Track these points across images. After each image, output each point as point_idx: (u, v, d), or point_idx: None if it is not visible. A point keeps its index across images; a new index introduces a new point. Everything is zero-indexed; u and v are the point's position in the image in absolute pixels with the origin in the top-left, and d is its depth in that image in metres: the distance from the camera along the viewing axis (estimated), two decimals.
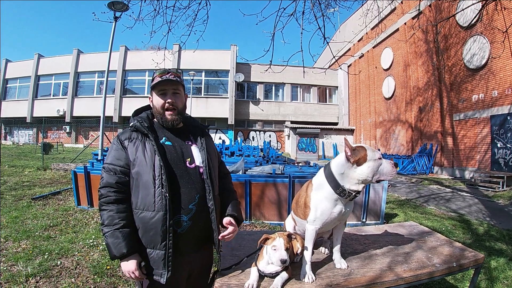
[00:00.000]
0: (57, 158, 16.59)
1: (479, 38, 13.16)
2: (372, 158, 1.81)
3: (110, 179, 1.72)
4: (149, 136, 1.77)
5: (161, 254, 1.67)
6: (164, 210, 1.66)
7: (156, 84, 1.84)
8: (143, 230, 1.70)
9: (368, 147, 1.85)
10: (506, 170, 12.02)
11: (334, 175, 1.88)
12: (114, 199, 1.69)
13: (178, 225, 1.74)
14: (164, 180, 1.68)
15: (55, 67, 27.13)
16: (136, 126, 1.80)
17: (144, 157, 1.73)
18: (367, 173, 1.81)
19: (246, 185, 6.25)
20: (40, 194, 7.74)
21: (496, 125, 12.60)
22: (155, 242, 1.67)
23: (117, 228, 1.64)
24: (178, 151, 1.85)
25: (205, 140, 1.99)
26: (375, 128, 23.00)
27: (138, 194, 1.72)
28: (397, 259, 2.25)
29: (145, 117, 1.91)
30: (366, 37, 21.89)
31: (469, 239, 5.56)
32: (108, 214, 1.67)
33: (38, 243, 4.63)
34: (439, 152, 16.14)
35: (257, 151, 16.33)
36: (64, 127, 26.82)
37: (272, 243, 1.81)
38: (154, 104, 1.89)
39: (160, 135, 1.86)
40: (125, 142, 1.78)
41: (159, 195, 1.67)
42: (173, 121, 1.88)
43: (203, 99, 26.10)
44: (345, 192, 1.85)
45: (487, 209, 8.31)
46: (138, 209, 1.72)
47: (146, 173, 1.71)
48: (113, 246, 1.63)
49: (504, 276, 3.93)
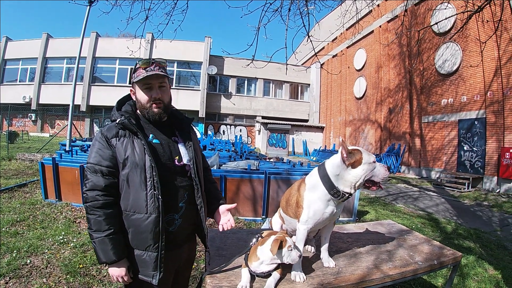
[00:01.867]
0: (22, 147, 15.78)
1: (452, 45, 13.64)
2: (367, 161, 1.83)
3: (98, 181, 1.62)
4: (138, 135, 1.67)
5: (154, 256, 1.63)
6: (157, 212, 1.61)
7: (141, 78, 1.72)
8: (135, 232, 1.64)
9: (363, 150, 1.87)
10: (471, 172, 12.58)
11: (329, 176, 1.88)
12: (102, 203, 1.60)
13: (170, 224, 1.72)
14: (156, 181, 1.62)
15: (22, 51, 25.58)
16: (124, 123, 1.67)
17: (134, 157, 1.64)
18: (361, 176, 1.83)
19: (222, 181, 6.19)
20: (6, 187, 7.36)
21: (463, 129, 13.15)
22: (148, 244, 1.63)
23: (106, 234, 1.58)
24: (166, 149, 1.77)
25: (192, 135, 1.93)
26: (345, 127, 23.43)
27: (129, 196, 1.65)
28: (381, 257, 2.30)
29: (130, 111, 1.79)
30: (340, 37, 22.20)
31: (438, 237, 5.78)
32: (96, 219, 1.59)
33: (5, 240, 4.40)
34: (407, 152, 16.68)
35: (229, 145, 16.21)
36: (30, 114, 25.51)
37: (287, 245, 1.79)
38: (139, 99, 1.77)
39: (147, 132, 1.76)
40: (112, 140, 1.66)
41: (152, 197, 1.62)
42: (160, 114, 1.77)
43: (174, 91, 25.03)
44: (339, 193, 1.86)
45: (453, 209, 8.67)
46: (129, 211, 1.65)
47: (137, 175, 1.63)
48: (102, 252, 1.58)
49: (475, 273, 4.13)
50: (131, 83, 1.80)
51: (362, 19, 19.02)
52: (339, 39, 22.86)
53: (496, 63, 11.46)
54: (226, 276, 1.90)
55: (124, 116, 1.69)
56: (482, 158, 12.10)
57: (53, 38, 25.81)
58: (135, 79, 1.74)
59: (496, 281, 3.92)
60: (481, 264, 4.46)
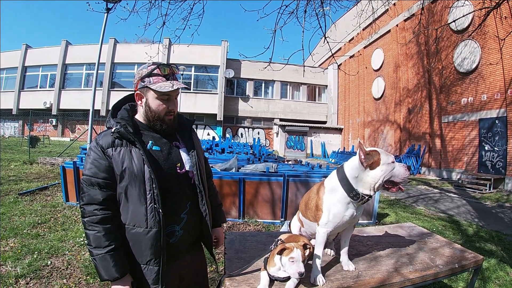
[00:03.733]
0: (43, 151, 16.28)
1: (470, 43, 13.37)
2: (385, 162, 1.80)
3: (95, 194, 1.53)
4: (136, 144, 1.57)
5: (156, 270, 1.58)
6: (157, 226, 1.56)
7: (167, 91, 1.62)
8: (135, 247, 1.58)
9: (381, 150, 1.84)
10: (493, 172, 12.28)
11: (348, 179, 1.86)
12: (101, 218, 1.51)
13: (171, 235, 1.67)
14: (156, 194, 1.55)
15: (42, 58, 26.49)
16: (120, 132, 1.56)
17: (132, 169, 1.55)
18: (380, 177, 1.80)
19: (240, 183, 6.21)
20: (27, 190, 7.56)
21: (484, 128, 12.85)
22: (148, 258, 1.57)
23: (107, 251, 1.49)
24: (167, 156, 1.68)
25: (194, 140, 1.86)
26: (364, 128, 23.21)
27: (128, 209, 1.58)
28: (402, 261, 2.27)
29: (127, 118, 1.67)
30: (357, 37, 22.04)
31: (459, 239, 5.67)
32: (95, 235, 1.50)
33: (27, 242, 4.51)
34: (427, 153, 16.39)
35: (247, 148, 16.27)
36: (51, 120, 26.28)
37: (290, 255, 1.70)
38: (153, 108, 1.65)
39: (146, 139, 1.66)
40: (109, 150, 1.56)
41: (152, 211, 1.55)
42: (174, 126, 1.75)
43: (192, 95, 25.87)
44: (358, 195, 1.84)
45: (475, 211, 8.48)
46: (129, 225, 1.58)
47: (136, 188, 1.55)
48: (104, 270, 1.50)
49: (496, 277, 4.03)
50: (142, 86, 1.66)
51: (378, 19, 18.86)
52: (356, 39, 22.70)
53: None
54: (245, 279, 1.88)
55: (120, 124, 1.59)
56: (504, 158, 11.79)
57: (72, 45, 26.59)
58: (151, 85, 1.61)
59: None
60: (503, 267, 4.36)
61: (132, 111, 1.77)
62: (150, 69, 1.63)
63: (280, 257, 1.75)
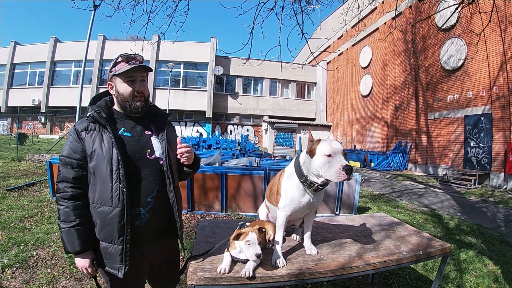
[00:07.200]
0: (32, 149, 16.08)
1: (456, 40, 13.52)
2: (320, 152, 1.76)
3: (67, 173, 1.67)
4: (107, 128, 1.69)
5: (119, 249, 1.65)
6: (121, 205, 1.63)
7: (126, 70, 1.75)
8: (101, 225, 1.67)
9: (326, 141, 1.81)
10: (478, 168, 12.46)
11: (300, 165, 1.91)
12: (71, 195, 1.65)
13: (136, 218, 1.71)
14: (121, 175, 1.64)
15: (31, 55, 26.00)
16: (94, 116, 1.70)
17: (101, 150, 1.66)
18: (317, 167, 1.78)
19: (222, 177, 6.24)
20: (15, 185, 7.51)
21: (469, 125, 13.02)
22: (113, 237, 1.65)
23: (72, 225, 1.63)
24: (137, 142, 1.78)
25: (166, 130, 1.92)
26: (352, 125, 23.39)
27: (96, 188, 1.68)
28: (366, 247, 2.31)
29: (104, 106, 1.81)
30: (346, 35, 22.16)
31: (439, 232, 5.75)
32: (64, 210, 1.64)
33: (14, 234, 4.55)
34: (413, 149, 16.58)
35: (234, 144, 16.33)
36: (39, 117, 25.94)
37: (245, 238, 1.79)
38: (121, 92, 1.77)
39: (119, 126, 1.78)
40: (82, 133, 1.70)
41: (116, 190, 1.64)
42: (142, 107, 1.81)
43: (181, 92, 25.73)
44: (307, 181, 1.87)
45: (458, 205, 8.60)
46: (96, 204, 1.68)
47: (104, 167, 1.65)
48: (68, 242, 1.63)
49: (473, 268, 4.11)
50: (110, 76, 1.81)
51: (366, 17, 19.00)
52: (344, 37, 22.81)
53: (501, 58, 11.33)
54: (209, 260, 1.97)
55: (95, 110, 1.73)
56: (489, 154, 11.97)
57: (61, 42, 26.20)
58: (117, 72, 1.76)
59: (495, 276, 3.89)
60: (481, 259, 4.43)
61: (111, 102, 1.89)
62: (115, 60, 1.80)
63: (238, 242, 1.83)
